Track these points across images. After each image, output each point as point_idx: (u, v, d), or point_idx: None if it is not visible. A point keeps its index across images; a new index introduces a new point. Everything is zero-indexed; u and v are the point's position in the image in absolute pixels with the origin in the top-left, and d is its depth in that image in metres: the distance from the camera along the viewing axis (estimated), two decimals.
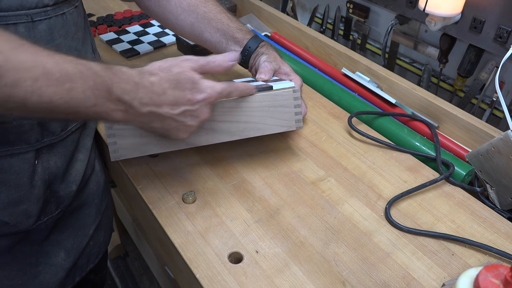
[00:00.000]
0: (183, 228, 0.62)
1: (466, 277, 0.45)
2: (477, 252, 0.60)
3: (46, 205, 0.66)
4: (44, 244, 0.71)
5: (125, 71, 0.50)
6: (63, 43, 0.60)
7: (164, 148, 0.65)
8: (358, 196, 0.68)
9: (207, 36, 0.79)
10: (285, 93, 0.67)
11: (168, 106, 0.53)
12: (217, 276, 0.56)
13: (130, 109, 0.51)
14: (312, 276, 0.56)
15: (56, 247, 0.73)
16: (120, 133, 0.62)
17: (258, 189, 0.69)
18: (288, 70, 0.76)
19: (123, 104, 0.50)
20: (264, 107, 0.67)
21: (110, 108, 0.49)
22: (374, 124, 0.85)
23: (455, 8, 0.91)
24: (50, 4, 0.57)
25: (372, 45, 1.23)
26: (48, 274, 0.72)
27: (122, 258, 1.59)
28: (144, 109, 0.52)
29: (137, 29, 1.13)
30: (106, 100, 0.49)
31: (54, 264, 0.73)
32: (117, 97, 0.49)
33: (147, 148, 0.64)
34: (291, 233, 0.62)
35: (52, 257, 0.72)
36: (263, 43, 0.79)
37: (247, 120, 0.67)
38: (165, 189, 0.68)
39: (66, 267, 0.74)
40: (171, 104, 0.53)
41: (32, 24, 0.55)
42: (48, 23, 0.57)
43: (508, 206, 0.69)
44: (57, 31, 0.59)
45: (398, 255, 0.60)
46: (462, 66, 0.99)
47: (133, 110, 0.51)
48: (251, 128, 0.67)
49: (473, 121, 0.81)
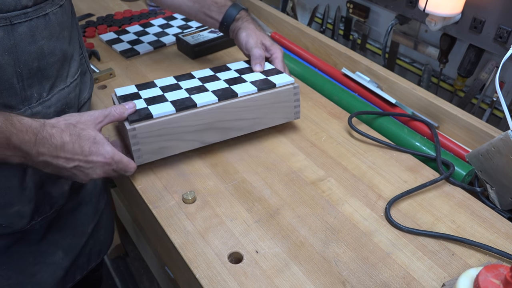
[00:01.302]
0: (183, 228, 0.62)
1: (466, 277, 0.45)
2: (477, 252, 0.60)
3: (39, 205, 0.66)
4: (42, 244, 0.71)
5: (24, 122, 0.53)
6: (46, 45, 0.59)
7: (181, 149, 0.71)
8: (358, 196, 0.68)
9: (184, 8, 0.85)
10: (287, 90, 0.75)
11: (63, 159, 0.56)
12: (217, 276, 0.56)
13: (27, 156, 0.53)
14: (312, 276, 0.56)
15: (54, 246, 0.73)
16: (143, 141, 0.66)
17: (258, 189, 0.69)
18: (269, 43, 0.81)
19: (21, 152, 0.53)
20: (269, 104, 0.74)
21: (7, 154, 0.52)
22: (374, 124, 0.85)
23: (455, 8, 0.91)
24: (29, 5, 0.55)
25: (372, 45, 1.23)
26: (46, 273, 0.72)
27: (122, 258, 1.59)
28: (41, 158, 0.54)
29: (137, 29, 1.13)
30: (5, 149, 0.51)
31: (52, 263, 0.73)
32: (14, 146, 0.52)
33: (166, 151, 0.70)
34: (291, 233, 0.62)
35: (50, 256, 0.72)
36: (238, 15, 0.82)
37: (254, 116, 0.74)
38: (165, 189, 0.68)
39: (65, 265, 0.74)
40: (66, 158, 0.56)
41: (12, 27, 0.53)
42: (29, 25, 0.55)
43: (508, 206, 0.69)
44: (39, 32, 0.57)
45: (398, 255, 0.60)
46: (462, 66, 0.99)
47: (30, 158, 0.54)
48: (257, 123, 0.75)
49: (473, 121, 0.81)
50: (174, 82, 0.76)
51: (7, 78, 0.55)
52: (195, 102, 0.69)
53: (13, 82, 0.56)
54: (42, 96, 0.61)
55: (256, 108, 0.73)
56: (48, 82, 0.61)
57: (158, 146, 0.68)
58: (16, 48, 0.55)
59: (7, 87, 0.56)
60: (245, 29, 0.81)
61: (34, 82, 0.59)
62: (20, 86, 0.57)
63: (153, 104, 0.69)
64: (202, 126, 0.70)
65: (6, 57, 0.54)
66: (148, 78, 0.94)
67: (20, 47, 0.55)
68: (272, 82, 0.74)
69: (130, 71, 0.97)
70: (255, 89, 0.73)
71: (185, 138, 0.70)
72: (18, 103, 0.58)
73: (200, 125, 0.70)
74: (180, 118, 0.68)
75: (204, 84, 0.75)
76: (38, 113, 0.60)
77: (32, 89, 0.59)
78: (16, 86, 0.57)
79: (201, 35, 1.05)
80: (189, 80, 0.77)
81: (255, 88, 0.73)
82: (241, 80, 0.76)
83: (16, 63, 0.55)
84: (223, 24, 0.83)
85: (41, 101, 0.61)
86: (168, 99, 0.70)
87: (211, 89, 0.73)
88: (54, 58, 0.61)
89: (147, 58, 1.02)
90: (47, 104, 0.62)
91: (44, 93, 0.61)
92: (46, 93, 0.61)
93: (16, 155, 0.53)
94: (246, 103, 0.72)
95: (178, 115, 0.67)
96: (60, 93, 0.64)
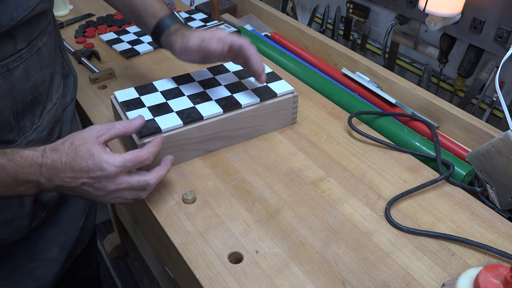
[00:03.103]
0: (183, 228, 0.62)
1: (466, 277, 0.45)
2: (477, 252, 0.60)
3: (34, 215, 0.66)
4: (37, 242, 0.72)
5: (26, 157, 0.52)
6: (39, 77, 0.59)
7: (186, 159, 0.73)
8: (358, 196, 0.68)
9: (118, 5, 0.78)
10: (287, 99, 0.77)
11: (69, 178, 0.54)
12: (217, 276, 0.56)
13: (40, 185, 0.53)
14: (312, 276, 0.56)
15: (49, 243, 0.74)
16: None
17: (258, 189, 0.69)
18: (223, 35, 0.69)
19: (31, 183, 0.53)
20: (269, 112, 0.76)
21: (21, 190, 0.52)
22: (374, 124, 0.85)
23: (455, 8, 0.91)
24: (24, 47, 0.55)
25: (372, 45, 1.23)
26: (44, 269, 0.73)
27: (122, 258, 1.59)
28: (52, 184, 0.54)
29: (137, 29, 1.13)
30: (15, 187, 0.52)
31: (49, 259, 0.74)
32: (23, 180, 0.52)
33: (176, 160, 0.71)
34: (291, 233, 0.62)
35: (46, 252, 0.73)
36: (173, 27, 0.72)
37: (255, 124, 0.77)
38: (165, 189, 0.68)
39: (61, 260, 0.76)
40: (71, 177, 0.54)
41: (9, 72, 0.53)
42: (24, 66, 0.55)
43: (508, 206, 0.69)
44: (33, 69, 0.57)
45: (398, 255, 0.60)
46: (462, 66, 0.99)
47: (43, 186, 0.53)
48: (257, 130, 0.78)
49: (473, 121, 0.81)
50: (175, 86, 0.77)
51: (5, 119, 0.56)
52: (202, 114, 0.70)
53: (10, 120, 0.57)
54: (35, 123, 0.61)
55: (257, 117, 0.76)
56: (39, 108, 0.62)
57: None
58: (13, 90, 0.55)
59: (5, 126, 0.56)
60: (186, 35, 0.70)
61: (27, 113, 0.59)
62: (15, 121, 0.57)
63: (159, 115, 0.69)
64: (207, 136, 0.72)
65: (4, 101, 0.54)
66: (148, 78, 0.94)
67: (16, 88, 0.55)
68: (273, 92, 0.76)
69: (130, 71, 0.97)
70: (258, 99, 0.74)
71: (190, 148, 0.72)
72: (15, 137, 0.58)
73: (205, 136, 0.72)
74: (187, 131, 0.69)
75: (205, 90, 0.76)
76: (33, 140, 0.60)
77: (25, 119, 0.59)
78: (12, 122, 0.57)
79: None
80: (189, 84, 0.77)
81: (258, 99, 0.74)
82: (242, 87, 0.77)
83: (13, 103, 0.56)
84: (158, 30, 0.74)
85: (34, 127, 0.61)
86: (174, 109, 0.71)
87: (214, 97, 0.74)
88: (45, 85, 0.61)
89: (147, 58, 1.02)
90: (40, 128, 0.62)
91: (36, 119, 0.61)
92: (37, 119, 0.62)
93: (29, 187, 0.53)
94: (249, 113, 0.74)
95: (185, 128, 0.68)
96: (49, 114, 0.64)
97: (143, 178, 0.57)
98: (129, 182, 0.56)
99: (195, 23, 1.16)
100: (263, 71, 0.71)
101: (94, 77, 0.92)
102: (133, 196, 0.58)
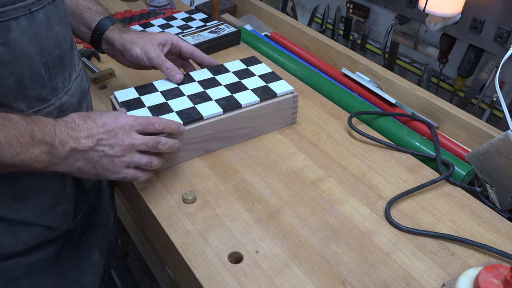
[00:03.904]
0: (183, 228, 0.62)
1: (466, 277, 0.45)
2: (477, 252, 0.60)
3: (77, 202, 0.67)
4: (79, 247, 0.72)
5: (41, 118, 0.54)
6: (60, 31, 0.60)
7: (186, 159, 0.73)
8: (358, 196, 0.68)
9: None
10: (287, 99, 0.77)
11: (84, 138, 0.56)
12: (217, 276, 0.56)
13: (53, 150, 0.53)
14: (312, 276, 0.56)
15: (90, 248, 0.75)
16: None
17: (258, 189, 0.69)
18: (161, 38, 0.78)
19: (46, 145, 0.53)
20: (269, 112, 0.77)
21: (34, 153, 0.52)
22: (374, 124, 0.85)
23: (455, 8, 0.91)
24: None
25: (372, 45, 1.23)
26: (89, 274, 0.74)
27: (122, 258, 1.59)
28: (65, 149, 0.54)
29: (137, 29, 1.13)
30: (30, 146, 0.51)
31: (92, 264, 0.75)
32: (39, 140, 0.52)
33: (172, 161, 0.72)
34: (291, 233, 0.62)
35: (90, 258, 0.74)
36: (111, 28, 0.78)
37: (255, 124, 0.77)
38: (165, 189, 0.68)
39: (102, 265, 0.77)
40: (86, 136, 0.56)
41: (31, 15, 0.54)
42: (44, 12, 0.57)
43: (508, 206, 0.69)
44: (53, 19, 0.59)
45: (398, 255, 0.60)
46: (462, 66, 0.99)
47: (56, 151, 0.54)
48: (257, 130, 0.78)
49: (473, 121, 0.81)
50: (175, 86, 0.77)
51: (37, 69, 0.56)
52: (202, 114, 0.70)
53: (41, 72, 0.57)
54: (65, 86, 0.62)
55: (257, 117, 0.76)
56: (67, 71, 0.62)
57: (165, 157, 0.69)
58: (39, 37, 0.56)
59: (37, 78, 0.57)
60: (134, 39, 0.78)
61: (58, 71, 0.60)
62: (47, 76, 0.58)
63: (159, 115, 0.69)
64: (207, 136, 0.72)
65: (32, 47, 0.55)
66: (148, 78, 0.94)
67: (41, 35, 0.56)
68: (273, 91, 0.76)
69: (130, 71, 0.97)
70: (258, 99, 0.74)
71: (190, 148, 0.72)
72: (48, 94, 0.59)
73: (205, 136, 0.72)
74: (187, 131, 0.69)
75: (206, 90, 0.76)
76: (65, 103, 0.61)
77: (57, 78, 0.60)
78: (44, 76, 0.58)
79: (201, 35, 1.05)
80: (189, 84, 0.77)
81: (258, 98, 0.74)
82: (242, 87, 0.77)
83: (41, 52, 0.56)
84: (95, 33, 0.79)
85: (65, 90, 0.62)
86: (173, 109, 0.71)
87: (214, 97, 0.74)
88: (66, 45, 0.62)
89: None
90: (70, 93, 0.63)
91: (66, 82, 0.62)
92: (67, 82, 0.62)
93: (43, 152, 0.53)
94: (249, 113, 0.74)
95: (185, 128, 0.68)
96: (76, 81, 0.65)
97: (155, 135, 0.62)
98: (143, 138, 0.60)
99: (195, 23, 1.15)
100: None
101: (94, 77, 0.92)
102: (146, 160, 0.61)
